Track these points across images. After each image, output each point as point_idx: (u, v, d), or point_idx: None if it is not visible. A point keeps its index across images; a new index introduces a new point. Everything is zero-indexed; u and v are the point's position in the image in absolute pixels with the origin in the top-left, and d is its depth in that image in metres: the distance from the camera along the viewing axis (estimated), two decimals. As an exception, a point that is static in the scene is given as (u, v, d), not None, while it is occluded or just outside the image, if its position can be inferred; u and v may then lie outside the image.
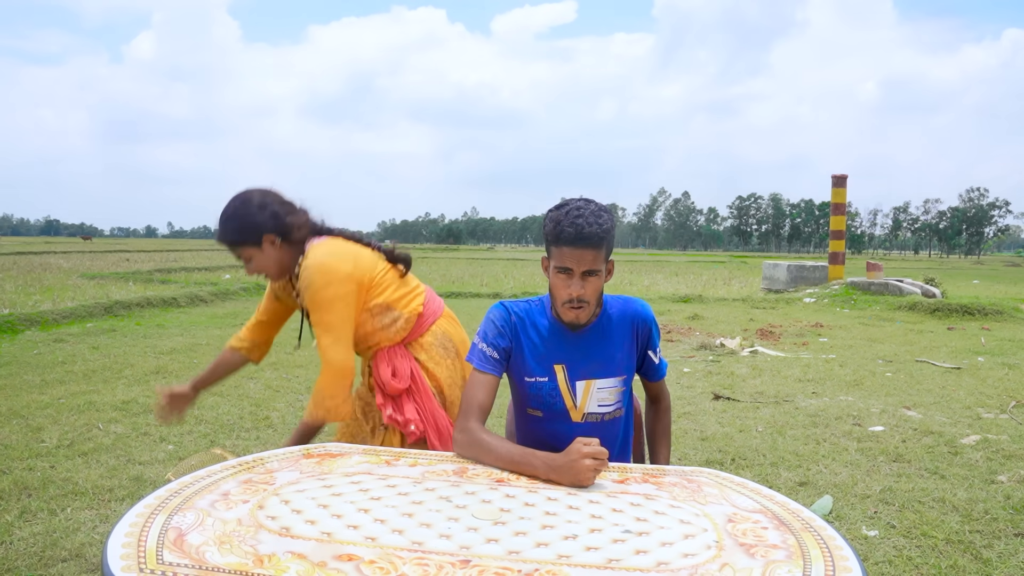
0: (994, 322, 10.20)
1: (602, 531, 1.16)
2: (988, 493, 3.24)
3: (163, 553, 1.02)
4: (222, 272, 18.57)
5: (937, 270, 27.89)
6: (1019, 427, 4.40)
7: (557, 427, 1.72)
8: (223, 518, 1.16)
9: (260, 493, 1.28)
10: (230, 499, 1.24)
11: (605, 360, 1.71)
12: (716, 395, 5.21)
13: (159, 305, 10.39)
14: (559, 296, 1.63)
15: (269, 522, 1.15)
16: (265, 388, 5.24)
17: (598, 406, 1.72)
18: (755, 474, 3.51)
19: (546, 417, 1.73)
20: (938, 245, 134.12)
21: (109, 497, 3.08)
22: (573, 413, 1.71)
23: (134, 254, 30.48)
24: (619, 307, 1.76)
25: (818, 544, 1.11)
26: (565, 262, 1.57)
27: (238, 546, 1.06)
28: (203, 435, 4.03)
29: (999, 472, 3.54)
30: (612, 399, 1.73)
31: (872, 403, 5.02)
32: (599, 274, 1.60)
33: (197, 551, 1.03)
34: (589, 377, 1.70)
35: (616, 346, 1.72)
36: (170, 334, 7.90)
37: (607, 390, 1.72)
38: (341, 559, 1.03)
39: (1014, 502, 3.13)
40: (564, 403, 1.71)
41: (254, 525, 1.14)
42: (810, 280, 14.82)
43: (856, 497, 3.20)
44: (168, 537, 1.07)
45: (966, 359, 6.99)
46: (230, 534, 1.10)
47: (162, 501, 1.22)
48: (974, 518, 2.97)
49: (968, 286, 19.51)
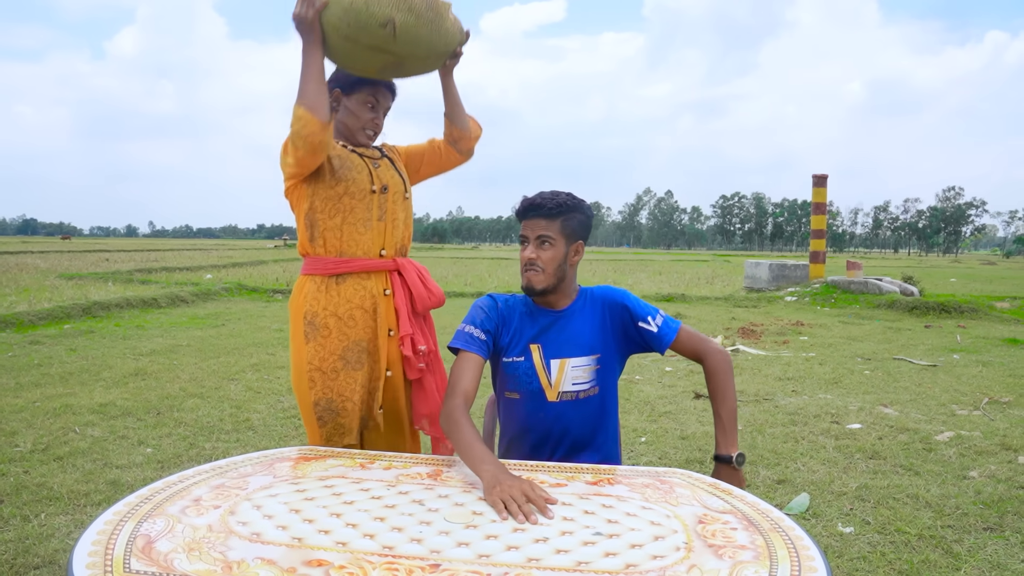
0: (970, 320, 10.35)
1: (573, 533, 1.17)
2: (960, 489, 3.29)
3: (130, 561, 1.01)
4: (204, 272, 18.41)
5: (916, 268, 28.25)
6: (991, 423, 4.47)
7: (534, 406, 1.82)
8: (193, 524, 1.15)
9: (232, 498, 1.28)
10: (201, 505, 1.24)
11: (578, 339, 1.82)
12: (697, 394, 5.25)
13: (139, 306, 10.28)
14: (521, 263, 1.81)
15: (240, 528, 1.15)
16: (246, 390, 5.21)
17: (572, 384, 1.81)
18: (734, 472, 3.55)
19: (523, 398, 1.83)
20: (917, 244, 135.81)
21: (85, 502, 3.05)
22: (548, 392, 1.81)
23: (114, 254, 30.14)
24: (594, 293, 1.91)
25: (785, 544, 1.13)
26: (522, 231, 1.79)
27: (207, 553, 1.05)
28: (182, 438, 4.00)
29: (971, 468, 3.60)
30: (586, 377, 1.82)
31: (850, 401, 5.08)
32: (552, 242, 1.77)
33: (165, 559, 1.03)
34: (563, 356, 1.81)
35: (588, 325, 1.85)
36: (150, 335, 7.83)
37: (580, 368, 1.82)
38: (311, 565, 1.03)
39: (984, 497, 3.18)
40: (540, 382, 1.81)
41: (224, 531, 1.13)
42: (791, 279, 14.95)
43: (832, 494, 3.24)
44: (136, 544, 1.07)
45: (942, 356, 7.09)
46: (200, 541, 1.10)
47: (132, 508, 1.21)
48: (946, 513, 3.01)
49: (945, 284, 19.76)
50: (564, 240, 1.78)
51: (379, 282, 1.97)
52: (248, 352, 6.82)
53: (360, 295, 1.95)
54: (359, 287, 1.96)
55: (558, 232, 1.77)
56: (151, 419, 4.36)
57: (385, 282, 1.98)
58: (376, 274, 1.97)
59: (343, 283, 1.96)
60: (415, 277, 2.00)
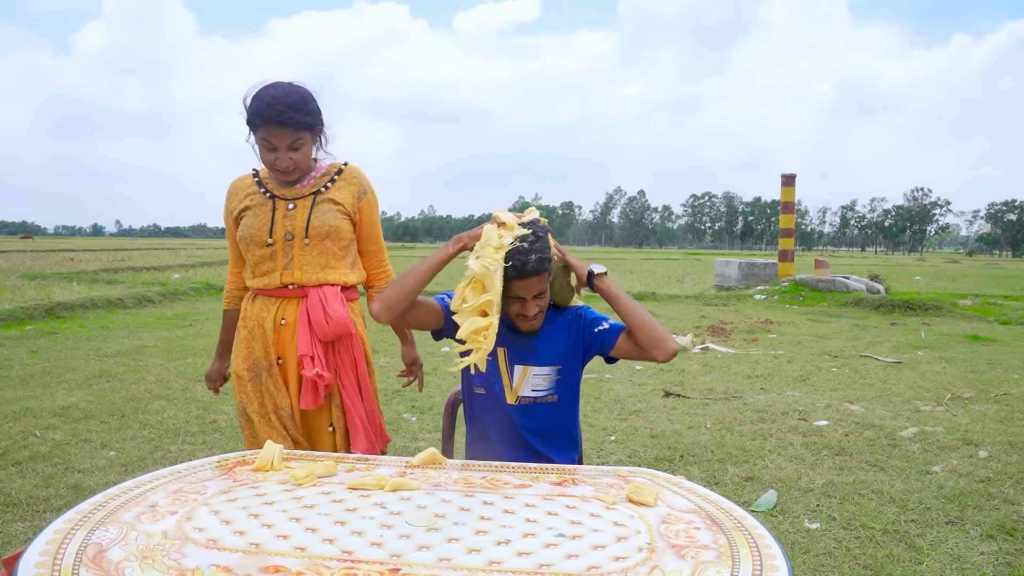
0: (934, 317, 10.56)
1: (536, 535, 1.16)
2: (923, 484, 3.35)
3: (79, 571, 0.98)
4: (171, 272, 18.11)
5: (882, 267, 28.76)
6: (953, 419, 4.56)
7: (494, 405, 1.88)
8: (148, 531, 1.12)
9: (189, 504, 1.25)
10: (157, 511, 1.21)
11: (543, 350, 1.88)
12: (667, 392, 5.28)
13: (104, 306, 10.08)
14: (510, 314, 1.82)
15: (196, 534, 1.12)
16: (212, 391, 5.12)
17: (531, 390, 1.87)
18: (703, 470, 3.57)
19: (488, 395, 1.89)
20: (883, 243, 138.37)
21: (44, 508, 2.97)
22: (508, 395, 1.87)
23: (79, 253, 29.50)
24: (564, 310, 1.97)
25: (748, 543, 1.13)
26: (515, 291, 1.74)
27: (161, 561, 1.03)
28: (147, 440, 3.93)
29: (934, 463, 3.67)
30: (545, 385, 1.88)
31: (818, 398, 5.15)
32: (545, 293, 1.81)
33: (117, 568, 1.00)
34: (526, 363, 1.87)
35: (556, 340, 1.90)
36: (115, 336, 7.68)
37: (541, 376, 1.88)
38: (268, 571, 1.01)
39: (946, 491, 3.25)
40: (501, 383, 1.87)
41: (180, 538, 1.11)
42: (761, 277, 15.13)
43: (800, 491, 3.28)
44: (87, 554, 1.04)
45: (907, 353, 7.23)
46: (154, 548, 1.07)
47: (84, 515, 1.18)
48: (909, 508, 3.07)
49: (911, 282, 20.15)
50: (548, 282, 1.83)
51: (281, 309, 2.00)
52: (215, 353, 6.71)
53: (262, 315, 2.02)
54: (264, 308, 2.03)
55: (546, 281, 1.80)
56: (115, 422, 4.27)
57: (284, 310, 2.00)
58: (283, 300, 2.00)
59: (256, 301, 2.06)
60: (316, 303, 1.96)
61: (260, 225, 1.98)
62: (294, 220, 1.97)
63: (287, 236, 1.96)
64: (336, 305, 1.96)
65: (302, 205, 1.99)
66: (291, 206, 1.99)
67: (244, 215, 2.02)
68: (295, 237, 1.96)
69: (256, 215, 1.99)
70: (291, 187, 2.02)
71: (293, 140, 1.89)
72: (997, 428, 4.33)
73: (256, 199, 2.02)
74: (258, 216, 1.99)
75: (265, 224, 1.98)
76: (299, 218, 1.97)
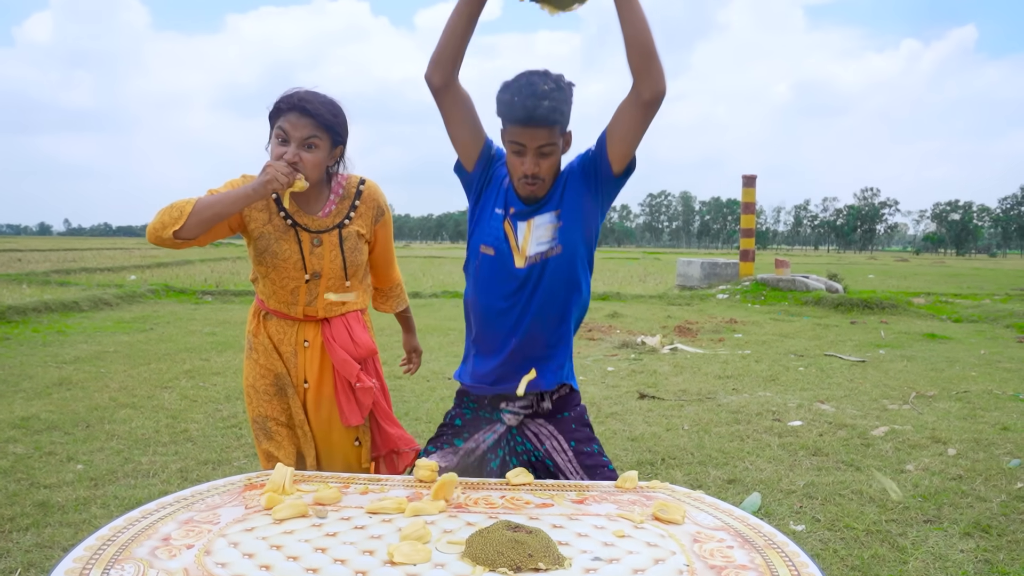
0: (891, 315, 10.86)
1: (573, 559, 1.14)
2: (899, 483, 3.43)
3: (105, 614, 0.92)
4: (127, 273, 17.59)
5: (836, 265, 29.46)
6: (920, 417, 4.68)
7: (502, 271, 1.75)
8: (167, 568, 1.07)
9: (205, 535, 1.19)
10: (172, 545, 1.15)
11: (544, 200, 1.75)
12: (642, 394, 5.31)
13: (58, 310, 9.72)
14: (514, 172, 1.70)
15: (219, 570, 1.07)
16: (181, 398, 4.99)
17: (537, 245, 1.73)
18: (685, 473, 3.60)
19: (496, 256, 1.75)
20: (836, 241, 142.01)
21: (11, 527, 2.84)
22: (517, 257, 1.74)
23: (27, 253, 28.46)
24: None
25: (784, 563, 1.13)
26: (517, 140, 1.64)
27: (188, 600, 0.98)
28: (116, 452, 3.79)
29: (907, 462, 3.76)
30: (547, 235, 1.74)
31: (789, 398, 5.24)
32: (553, 148, 1.66)
33: (143, 609, 0.95)
34: (528, 217, 1.75)
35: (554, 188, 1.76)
36: (73, 341, 7.41)
37: (543, 227, 1.74)
38: (304, 608, 0.97)
39: (922, 490, 3.33)
40: (509, 244, 1.74)
41: (203, 575, 1.05)
42: (723, 277, 15.36)
43: (782, 492, 3.32)
44: (108, 594, 0.98)
45: (869, 352, 7.40)
46: (177, 585, 1.01)
47: (94, 552, 1.11)
48: (888, 508, 3.13)
49: (865, 281, 20.70)
50: (561, 141, 1.70)
51: (302, 331, 1.92)
52: (180, 358, 6.54)
53: (279, 337, 1.93)
54: (280, 331, 1.93)
55: (557, 136, 1.66)
56: (80, 432, 4.11)
57: (304, 331, 1.92)
58: (302, 323, 1.92)
59: (269, 320, 1.95)
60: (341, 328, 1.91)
61: (288, 255, 1.85)
62: (322, 260, 1.86)
63: (314, 275, 1.87)
64: (360, 331, 1.92)
65: (329, 242, 1.87)
66: (316, 242, 1.87)
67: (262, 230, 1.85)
68: (322, 277, 1.87)
69: (279, 242, 1.85)
70: (311, 212, 1.87)
71: (309, 135, 1.76)
72: (962, 426, 4.46)
73: (276, 222, 1.86)
74: (281, 244, 1.85)
75: (294, 256, 1.85)
76: (327, 257, 1.87)
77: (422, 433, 4.23)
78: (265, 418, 1.93)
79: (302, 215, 1.86)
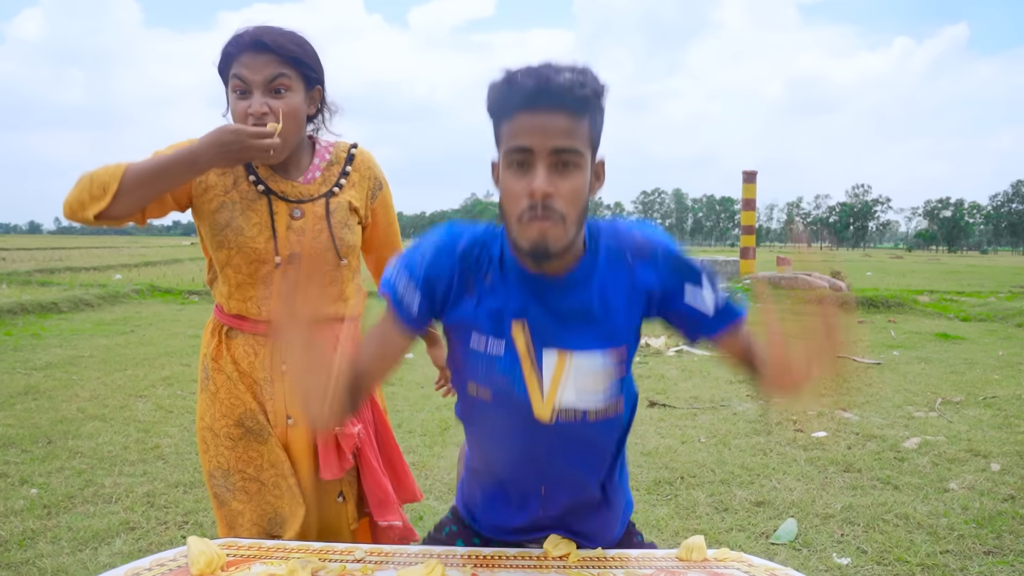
0: (897, 314, 10.57)
1: None
2: (946, 505, 3.10)
3: None
4: (113, 272, 17.14)
5: (832, 262, 29.22)
6: (951, 426, 4.36)
7: (512, 426, 1.11)
8: None
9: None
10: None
11: (592, 319, 1.08)
12: (652, 402, 4.97)
13: (36, 311, 9.30)
14: (514, 203, 0.99)
15: None
16: (156, 409, 4.62)
17: (577, 396, 1.08)
18: (708, 494, 3.26)
19: (496, 401, 1.10)
20: (828, 238, 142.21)
21: (-53, 566, 2.48)
22: (538, 407, 1.08)
23: (12, 252, 27.87)
24: (616, 236, 1.12)
25: None
26: (522, 139, 0.97)
27: None
28: (77, 472, 3.42)
29: (948, 479, 3.43)
30: (601, 386, 1.09)
31: (807, 405, 4.91)
32: (580, 161, 0.99)
33: None
34: (564, 346, 1.08)
35: (612, 297, 1.09)
36: (47, 345, 7.01)
37: (594, 373, 1.08)
38: None
39: (973, 514, 3.00)
40: (526, 387, 1.08)
41: None
42: (722, 275, 15.06)
43: (818, 517, 2.99)
44: None
45: (883, 353, 7.09)
46: None
47: None
48: (941, 536, 2.80)
49: (863, 278, 20.43)
50: (590, 155, 1.03)
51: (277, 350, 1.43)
52: (160, 363, 6.16)
53: (248, 361, 1.47)
54: (248, 351, 1.48)
55: (585, 140, 1.00)
56: (39, 450, 3.74)
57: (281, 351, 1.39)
58: None
59: (234, 338, 1.49)
60: None
61: (256, 233, 1.41)
62: (302, 238, 1.41)
63: (288, 259, 1.40)
64: None
65: (312, 213, 1.43)
66: (296, 213, 1.43)
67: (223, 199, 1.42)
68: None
69: (244, 215, 1.41)
70: (290, 178, 1.45)
71: (275, 76, 1.34)
72: (999, 436, 4.14)
73: (243, 188, 1.42)
74: (248, 217, 1.41)
75: (263, 233, 1.41)
76: (309, 235, 1.42)
77: (416, 447, 3.88)
78: (226, 472, 1.48)
79: (278, 180, 1.44)
